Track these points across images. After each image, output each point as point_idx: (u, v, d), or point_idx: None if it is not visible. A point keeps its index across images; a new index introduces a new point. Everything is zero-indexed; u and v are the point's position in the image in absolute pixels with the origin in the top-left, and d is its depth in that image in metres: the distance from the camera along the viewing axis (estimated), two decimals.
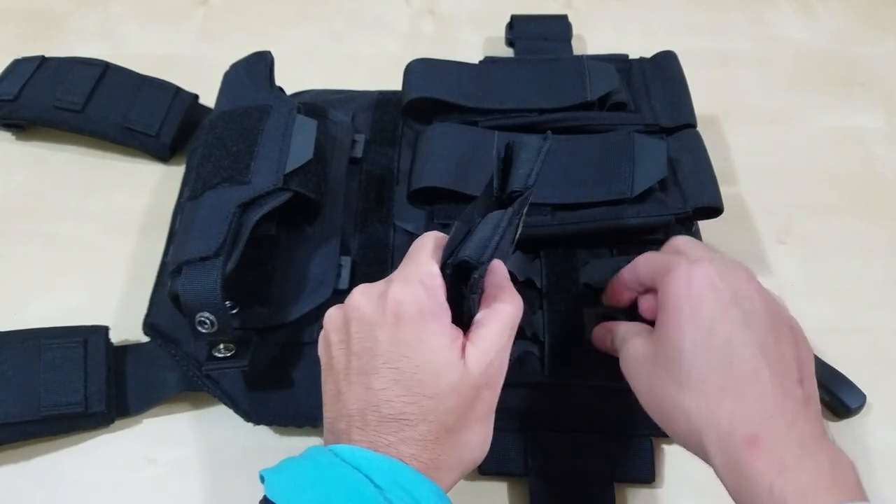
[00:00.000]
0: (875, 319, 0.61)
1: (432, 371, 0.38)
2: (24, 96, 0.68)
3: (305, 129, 0.57)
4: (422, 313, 0.39)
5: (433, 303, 0.39)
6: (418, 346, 0.38)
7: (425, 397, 0.38)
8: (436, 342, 0.39)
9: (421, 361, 0.38)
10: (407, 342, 0.38)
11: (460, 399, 0.39)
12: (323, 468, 0.37)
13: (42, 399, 0.52)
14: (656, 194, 0.58)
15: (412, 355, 0.38)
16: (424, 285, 0.40)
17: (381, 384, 0.38)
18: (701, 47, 0.81)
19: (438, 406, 0.38)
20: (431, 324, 0.39)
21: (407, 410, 0.38)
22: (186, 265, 0.48)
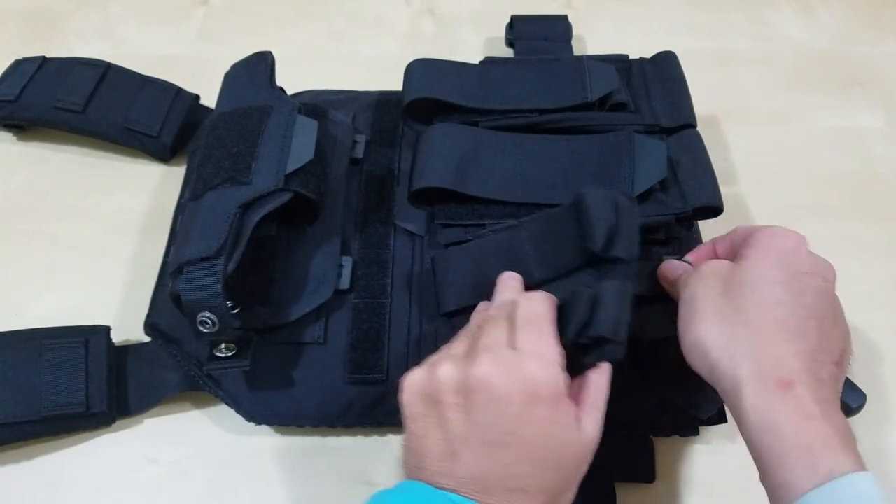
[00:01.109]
0: (875, 319, 0.61)
1: (559, 447, 0.40)
2: (24, 97, 0.68)
3: (306, 129, 0.57)
4: (557, 396, 0.40)
5: (565, 384, 0.41)
6: (550, 426, 0.40)
7: (549, 471, 0.40)
8: (564, 420, 0.40)
9: (549, 439, 0.40)
10: (539, 422, 0.40)
11: (578, 467, 0.41)
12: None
13: (43, 399, 0.52)
14: (656, 194, 0.58)
15: (543, 433, 0.40)
16: (558, 365, 0.41)
17: (509, 459, 0.39)
18: (701, 47, 0.81)
19: (559, 477, 0.40)
20: (562, 404, 0.41)
21: (530, 483, 0.39)
22: (188, 265, 0.48)
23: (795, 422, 0.38)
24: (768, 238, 0.45)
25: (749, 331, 0.41)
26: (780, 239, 0.44)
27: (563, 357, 0.42)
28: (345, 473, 0.54)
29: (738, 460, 0.54)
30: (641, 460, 0.52)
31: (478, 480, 0.39)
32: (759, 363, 0.40)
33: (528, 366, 0.40)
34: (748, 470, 0.53)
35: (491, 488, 0.39)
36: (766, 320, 0.41)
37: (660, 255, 0.58)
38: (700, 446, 0.55)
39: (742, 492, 0.53)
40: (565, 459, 0.40)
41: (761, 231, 0.45)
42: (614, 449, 0.52)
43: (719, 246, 0.51)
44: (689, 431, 0.53)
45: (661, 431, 0.53)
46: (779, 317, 0.41)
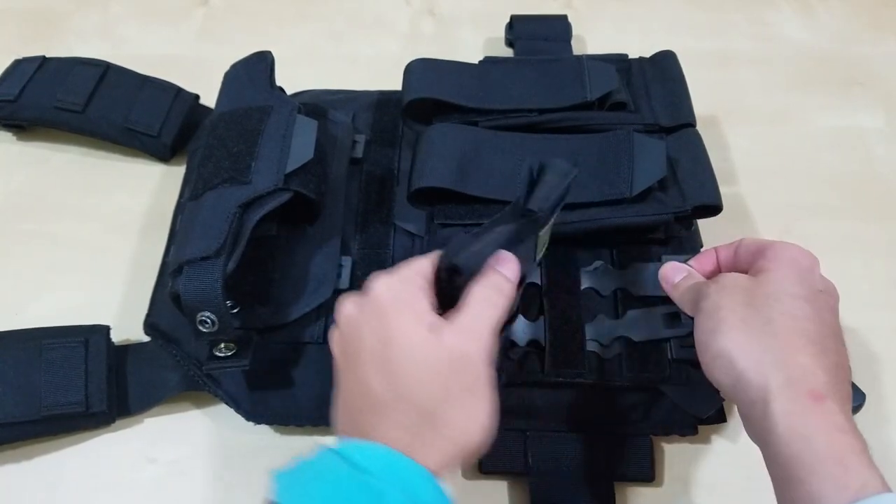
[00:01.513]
0: (875, 319, 0.61)
1: (406, 353, 0.39)
2: (24, 97, 0.68)
3: (306, 129, 0.57)
4: (396, 300, 0.40)
5: (407, 290, 0.41)
6: (394, 332, 0.39)
7: (400, 378, 0.39)
8: (408, 326, 0.40)
9: (395, 346, 0.39)
10: (384, 330, 0.40)
11: (435, 376, 0.39)
12: (325, 470, 0.37)
13: (43, 399, 0.52)
14: (655, 193, 0.58)
15: (389, 342, 0.39)
16: (401, 276, 0.42)
17: (365, 375, 0.40)
18: (701, 47, 0.81)
19: (414, 386, 0.39)
20: (405, 309, 0.40)
21: (387, 397, 0.39)
22: (187, 265, 0.48)
23: (829, 433, 0.38)
24: (786, 253, 0.45)
25: (778, 342, 0.41)
26: (798, 255, 0.45)
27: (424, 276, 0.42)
28: None
29: (738, 460, 0.54)
30: (641, 460, 0.52)
31: (349, 406, 0.41)
32: (791, 374, 0.40)
33: (372, 284, 0.41)
34: (748, 469, 0.54)
35: (358, 409, 0.40)
36: (795, 332, 0.41)
37: (659, 254, 0.58)
38: (700, 446, 0.55)
39: (742, 491, 0.53)
40: (416, 366, 0.39)
41: (778, 246, 0.46)
42: (614, 448, 0.52)
43: (721, 253, 0.51)
44: (689, 431, 0.53)
45: (661, 431, 0.53)
46: (806, 330, 0.41)
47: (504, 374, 0.53)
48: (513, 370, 0.53)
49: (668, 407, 0.53)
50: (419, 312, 0.40)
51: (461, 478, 0.53)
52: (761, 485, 0.52)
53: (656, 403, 0.53)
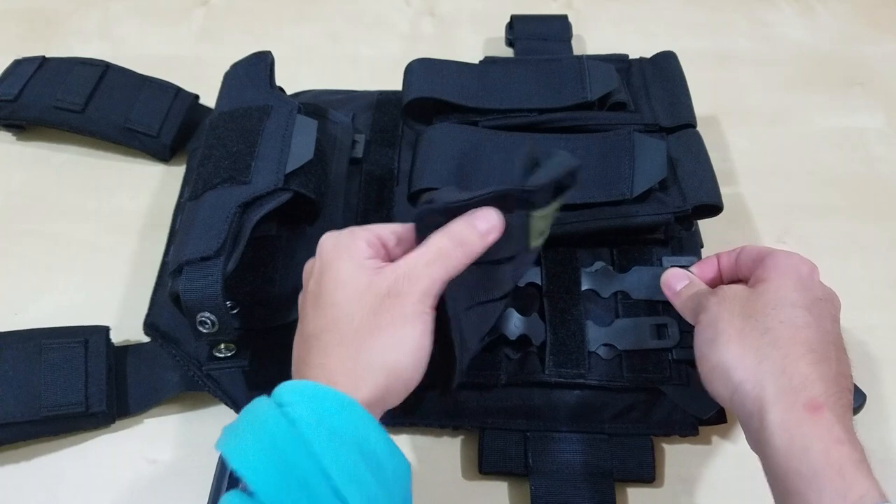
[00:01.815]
0: (875, 319, 0.61)
1: (335, 286, 0.41)
2: (24, 96, 0.68)
3: (306, 129, 0.57)
4: (336, 247, 0.42)
5: (348, 238, 0.42)
6: (329, 270, 0.41)
7: (328, 308, 0.40)
8: (342, 264, 0.41)
9: (328, 281, 0.41)
10: (321, 273, 0.42)
11: (361, 307, 0.40)
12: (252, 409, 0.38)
13: (43, 399, 0.52)
14: (656, 194, 0.58)
15: (322, 281, 0.41)
16: (349, 230, 0.43)
17: (304, 315, 0.42)
18: (701, 47, 0.81)
19: (340, 316, 0.40)
20: (343, 252, 0.42)
21: (317, 328, 0.40)
22: (187, 265, 0.48)
23: (826, 445, 0.37)
24: (786, 261, 0.45)
25: (777, 351, 0.41)
26: (796, 263, 0.45)
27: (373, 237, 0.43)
28: None
29: (738, 460, 0.54)
30: (641, 460, 0.52)
31: (294, 353, 0.43)
32: (787, 384, 0.39)
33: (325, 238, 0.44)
34: (749, 470, 0.53)
35: (296, 355, 0.42)
36: (795, 341, 0.41)
37: (660, 255, 0.58)
38: (700, 446, 0.55)
39: (743, 492, 0.53)
40: (344, 294, 0.40)
41: (777, 254, 0.46)
42: (614, 448, 0.52)
43: (723, 260, 0.51)
44: (690, 431, 0.53)
45: (661, 431, 0.53)
46: (806, 338, 0.41)
47: (504, 373, 0.53)
48: (513, 370, 0.53)
49: (668, 407, 0.53)
50: (354, 253, 0.42)
51: (461, 478, 0.53)
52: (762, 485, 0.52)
53: (656, 403, 0.53)
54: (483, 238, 0.42)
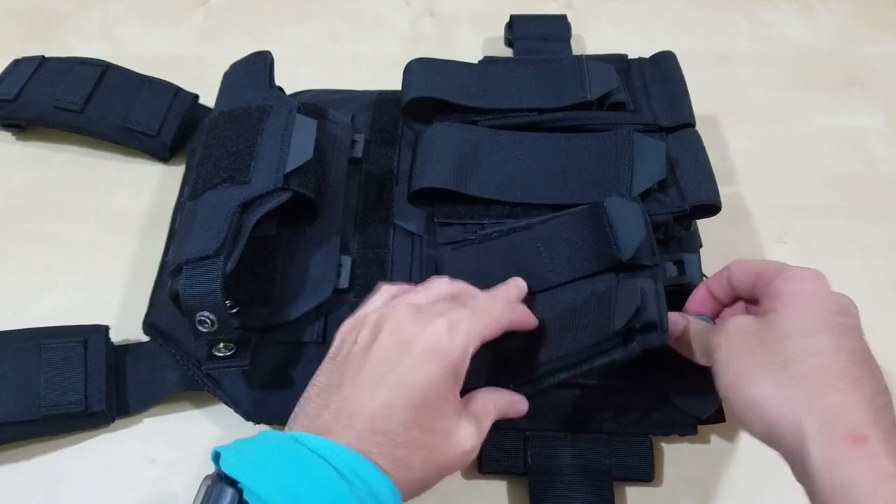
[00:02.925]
0: (875, 319, 0.60)
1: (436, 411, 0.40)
2: (24, 96, 0.68)
3: (305, 129, 0.57)
4: (454, 364, 0.41)
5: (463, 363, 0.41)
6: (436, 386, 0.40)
7: (418, 428, 0.39)
8: (448, 394, 0.41)
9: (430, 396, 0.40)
10: (428, 375, 0.40)
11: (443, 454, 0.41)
12: (286, 452, 0.37)
13: (42, 398, 0.52)
14: (655, 194, 0.58)
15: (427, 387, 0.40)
16: (469, 346, 0.42)
17: (386, 398, 0.39)
18: (701, 47, 0.81)
19: (425, 444, 0.40)
20: (454, 379, 0.41)
21: (397, 430, 0.39)
22: (187, 264, 0.48)
23: (872, 482, 0.34)
24: (787, 285, 0.43)
25: (803, 384, 0.38)
26: (799, 283, 0.43)
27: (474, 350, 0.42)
28: None
29: (738, 459, 0.54)
30: (641, 459, 0.52)
31: (348, 413, 0.39)
32: (822, 418, 0.37)
33: (440, 323, 0.41)
34: (748, 469, 0.54)
35: (357, 422, 0.39)
36: (819, 370, 0.38)
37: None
38: (700, 445, 0.55)
39: (742, 491, 0.53)
40: (437, 429, 0.40)
41: (778, 278, 0.43)
42: (614, 447, 0.52)
43: (715, 288, 0.49)
44: (689, 430, 0.53)
45: (661, 431, 0.53)
46: (828, 365, 0.39)
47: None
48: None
49: (667, 407, 0.53)
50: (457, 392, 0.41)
51: (461, 477, 0.53)
52: (761, 484, 0.52)
53: (656, 403, 0.53)
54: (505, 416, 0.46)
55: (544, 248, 0.54)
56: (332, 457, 0.37)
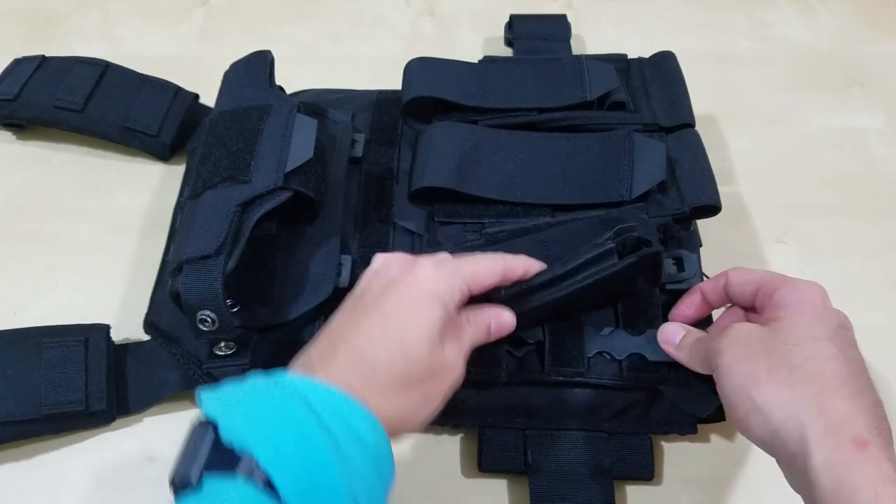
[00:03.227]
0: (875, 319, 0.61)
1: (415, 338, 0.41)
2: (24, 96, 0.68)
3: (305, 128, 0.57)
4: (434, 296, 0.42)
5: (447, 286, 0.43)
6: (416, 314, 0.41)
7: (399, 356, 0.40)
8: (428, 321, 0.41)
9: (410, 324, 0.41)
10: (408, 304, 0.42)
11: (425, 379, 0.41)
12: (257, 389, 0.38)
13: (43, 398, 0.52)
14: (654, 195, 0.58)
15: (407, 315, 0.41)
16: (450, 276, 0.43)
17: (368, 324, 0.41)
18: (700, 47, 0.81)
19: (406, 370, 0.40)
20: (434, 307, 0.42)
21: (379, 357, 0.40)
22: (187, 264, 0.48)
23: (875, 486, 0.35)
24: (795, 296, 0.44)
25: (809, 388, 0.39)
26: (806, 293, 0.44)
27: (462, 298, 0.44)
28: None
29: (737, 458, 0.54)
30: (640, 458, 0.52)
31: (333, 349, 0.41)
32: (828, 422, 0.37)
33: (426, 263, 0.43)
34: (748, 468, 0.54)
35: (340, 353, 0.40)
36: (825, 376, 0.39)
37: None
38: (699, 444, 0.55)
39: (742, 490, 0.53)
40: (416, 355, 0.40)
41: (784, 288, 0.45)
42: (614, 446, 0.52)
43: (709, 293, 0.50)
44: (689, 430, 0.53)
45: (661, 430, 0.53)
46: (836, 372, 0.39)
47: (504, 372, 0.53)
48: (513, 369, 0.53)
49: (667, 406, 0.53)
50: (440, 317, 0.42)
51: (461, 476, 0.53)
52: (761, 483, 0.52)
53: (655, 402, 0.53)
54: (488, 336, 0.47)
55: (553, 253, 0.54)
56: (309, 394, 0.37)
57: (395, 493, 0.53)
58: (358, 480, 0.36)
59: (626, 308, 0.55)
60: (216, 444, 0.35)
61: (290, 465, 0.34)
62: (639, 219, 0.54)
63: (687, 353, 0.48)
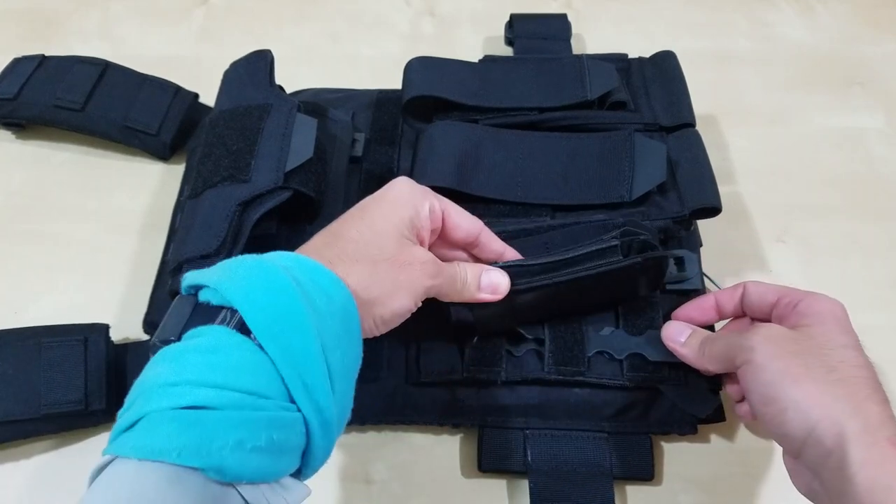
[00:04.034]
0: (875, 319, 0.61)
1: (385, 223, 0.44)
2: (24, 95, 0.68)
3: (306, 127, 0.57)
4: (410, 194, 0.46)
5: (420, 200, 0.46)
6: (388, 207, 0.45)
7: (374, 246, 0.43)
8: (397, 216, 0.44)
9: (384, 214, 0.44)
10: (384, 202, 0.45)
11: (401, 268, 0.43)
12: (235, 259, 0.40)
13: (42, 397, 0.52)
14: (654, 197, 0.58)
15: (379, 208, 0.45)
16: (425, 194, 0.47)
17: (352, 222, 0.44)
18: (701, 47, 0.81)
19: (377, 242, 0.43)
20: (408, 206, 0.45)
21: (358, 247, 0.42)
22: (187, 263, 0.48)
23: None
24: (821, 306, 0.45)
25: (846, 391, 0.40)
26: (830, 305, 0.45)
27: None
28: (343, 471, 0.54)
29: (737, 458, 0.54)
30: (640, 458, 0.52)
31: (317, 236, 0.44)
32: (865, 423, 0.39)
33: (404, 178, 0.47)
34: (747, 468, 0.54)
35: (319, 237, 0.44)
36: (859, 381, 0.41)
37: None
38: (699, 444, 0.55)
39: (742, 490, 0.53)
40: (384, 235, 0.43)
41: (808, 299, 0.46)
42: (614, 446, 0.52)
43: (724, 301, 0.51)
44: (688, 430, 0.53)
45: (660, 430, 0.53)
46: (867, 378, 0.41)
47: (504, 371, 0.53)
48: (512, 368, 0.53)
49: (667, 406, 0.53)
50: (419, 211, 0.45)
51: (461, 476, 0.53)
52: (760, 483, 0.52)
53: (655, 402, 0.53)
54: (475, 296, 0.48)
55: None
56: (283, 261, 0.39)
57: (395, 492, 0.53)
58: (325, 325, 0.37)
59: (626, 308, 0.55)
60: (195, 307, 0.38)
61: (260, 305, 0.36)
62: (642, 226, 0.54)
63: (695, 350, 0.49)
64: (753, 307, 0.50)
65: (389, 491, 0.53)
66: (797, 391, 0.41)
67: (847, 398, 0.40)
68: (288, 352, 0.35)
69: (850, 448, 0.38)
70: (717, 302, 0.52)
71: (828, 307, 0.45)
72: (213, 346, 0.35)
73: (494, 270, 0.48)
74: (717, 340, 0.48)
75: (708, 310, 0.52)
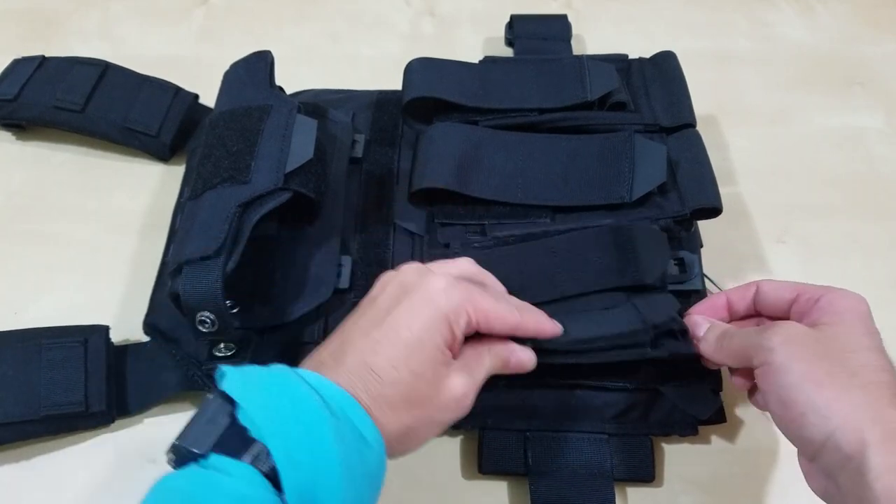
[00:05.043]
0: (875, 319, 0.61)
1: (423, 354, 0.41)
2: (24, 96, 0.68)
3: (306, 128, 0.57)
4: (444, 314, 0.42)
5: (456, 310, 0.42)
6: (425, 330, 0.41)
7: (405, 369, 0.40)
8: (436, 340, 0.41)
9: (419, 338, 0.41)
10: (418, 319, 0.41)
11: (430, 400, 0.41)
12: (280, 378, 0.38)
13: (42, 399, 0.52)
14: (654, 198, 0.58)
15: (416, 329, 0.41)
16: (463, 300, 0.42)
17: (378, 335, 0.41)
18: (701, 47, 0.81)
19: (412, 386, 0.40)
20: (444, 325, 0.41)
21: (385, 367, 0.40)
22: (187, 265, 0.48)
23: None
24: (844, 304, 0.44)
25: (867, 396, 0.39)
26: (853, 302, 0.45)
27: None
28: None
29: (738, 459, 0.54)
30: (641, 460, 0.52)
31: (342, 351, 0.41)
32: (886, 428, 0.38)
33: (440, 278, 0.43)
34: (748, 469, 0.54)
35: (348, 358, 0.40)
36: (881, 385, 0.40)
37: None
38: (700, 446, 0.55)
39: (742, 491, 0.53)
40: (425, 375, 0.41)
41: (830, 295, 0.45)
42: (614, 448, 0.52)
43: (736, 300, 0.51)
44: (689, 431, 0.53)
45: (661, 431, 0.53)
46: (889, 383, 0.40)
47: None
48: None
49: (667, 407, 0.53)
50: (449, 338, 0.42)
51: (461, 478, 0.53)
52: (761, 483, 0.52)
53: (656, 403, 0.53)
54: (506, 368, 0.46)
55: (561, 260, 0.55)
56: (322, 389, 0.38)
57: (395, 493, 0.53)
58: (354, 486, 0.36)
59: None
60: (231, 425, 0.36)
61: (300, 469, 0.35)
62: (648, 229, 0.55)
63: (713, 345, 0.48)
64: (769, 305, 0.49)
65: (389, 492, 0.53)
66: (818, 396, 0.40)
67: (868, 405, 0.39)
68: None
69: (869, 455, 0.37)
70: (728, 301, 0.51)
71: (851, 304, 0.44)
72: (240, 497, 0.34)
73: (522, 351, 0.47)
74: (735, 337, 0.47)
75: (720, 309, 0.52)
